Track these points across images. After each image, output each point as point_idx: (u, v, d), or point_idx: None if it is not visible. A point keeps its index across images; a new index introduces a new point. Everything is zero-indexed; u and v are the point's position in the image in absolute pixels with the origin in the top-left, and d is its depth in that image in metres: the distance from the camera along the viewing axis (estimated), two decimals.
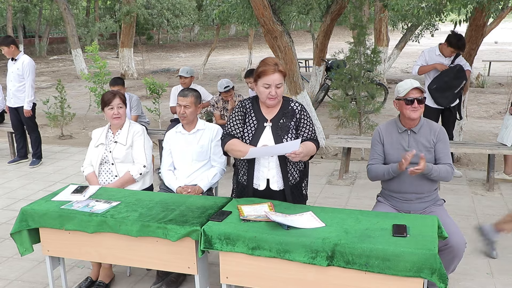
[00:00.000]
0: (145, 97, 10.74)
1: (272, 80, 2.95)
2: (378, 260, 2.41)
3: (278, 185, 3.07)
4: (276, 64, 2.99)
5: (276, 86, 2.97)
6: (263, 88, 2.98)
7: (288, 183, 3.06)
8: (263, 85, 2.98)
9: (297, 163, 3.10)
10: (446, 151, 3.21)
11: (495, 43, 24.56)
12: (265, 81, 2.97)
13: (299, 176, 3.12)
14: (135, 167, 3.70)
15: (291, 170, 3.07)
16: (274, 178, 3.06)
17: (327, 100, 9.86)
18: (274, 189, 3.07)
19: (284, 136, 3.02)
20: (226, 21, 12.37)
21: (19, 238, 3.14)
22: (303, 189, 3.20)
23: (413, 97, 3.15)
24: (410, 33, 13.53)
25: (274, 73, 2.96)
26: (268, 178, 3.06)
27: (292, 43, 6.42)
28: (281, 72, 2.99)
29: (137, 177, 3.69)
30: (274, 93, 2.98)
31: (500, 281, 3.53)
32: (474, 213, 4.74)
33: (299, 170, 3.13)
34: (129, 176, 3.68)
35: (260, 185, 3.08)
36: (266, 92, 2.98)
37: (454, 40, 5.44)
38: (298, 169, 3.12)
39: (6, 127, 7.03)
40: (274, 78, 2.96)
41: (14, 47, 6.31)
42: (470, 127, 8.04)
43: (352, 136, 6.21)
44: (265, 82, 2.97)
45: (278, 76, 2.97)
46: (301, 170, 3.15)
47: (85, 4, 26.86)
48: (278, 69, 2.98)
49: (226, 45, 27.84)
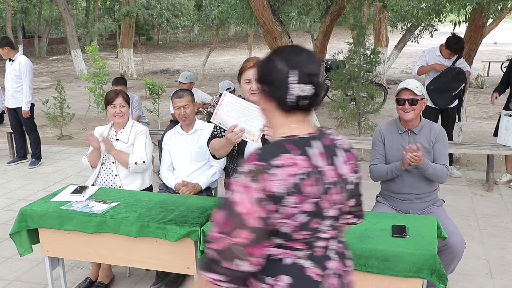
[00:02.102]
0: (144, 98, 10.73)
1: (252, 74, 2.92)
2: (378, 260, 2.41)
3: None
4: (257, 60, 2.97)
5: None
6: (245, 85, 2.96)
7: None
8: (244, 82, 2.96)
9: None
10: (444, 152, 3.20)
11: (495, 43, 24.57)
12: (245, 77, 2.95)
13: None
14: (135, 156, 3.68)
15: None
16: None
17: (327, 100, 9.87)
18: None
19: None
20: (225, 21, 12.39)
21: (19, 239, 3.14)
22: None
23: (403, 98, 3.15)
24: (410, 33, 13.54)
25: (254, 68, 2.94)
26: None
27: (291, 43, 6.42)
28: None
29: (132, 165, 3.64)
30: (255, 88, 2.95)
31: (499, 281, 3.53)
32: (474, 214, 4.74)
33: None
34: (126, 157, 3.65)
35: None
36: (247, 88, 2.94)
37: (452, 43, 5.44)
38: None
39: (5, 128, 7.03)
40: (254, 73, 2.93)
41: (8, 48, 6.27)
42: (470, 127, 8.04)
43: (351, 137, 6.21)
44: (245, 78, 2.95)
45: None
46: None
47: (84, 5, 26.86)
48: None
49: (225, 45, 27.84)
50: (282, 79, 1.50)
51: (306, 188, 1.46)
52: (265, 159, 1.45)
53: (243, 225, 1.40)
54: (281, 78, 1.50)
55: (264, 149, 1.49)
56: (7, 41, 6.32)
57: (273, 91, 1.53)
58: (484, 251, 3.97)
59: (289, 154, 1.47)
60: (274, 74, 1.52)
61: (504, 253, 3.94)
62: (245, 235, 1.40)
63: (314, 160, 1.50)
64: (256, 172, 1.44)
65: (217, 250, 1.41)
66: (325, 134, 1.59)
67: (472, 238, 4.16)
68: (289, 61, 1.51)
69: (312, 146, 1.51)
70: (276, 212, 1.45)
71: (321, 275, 1.54)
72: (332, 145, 1.58)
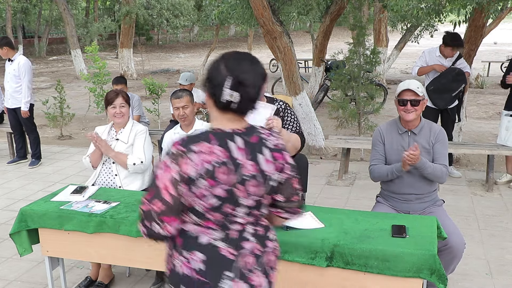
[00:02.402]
0: (144, 98, 10.73)
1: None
2: (378, 260, 2.41)
3: None
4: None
5: None
6: None
7: None
8: None
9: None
10: (444, 152, 3.20)
11: (495, 43, 24.58)
12: None
13: None
14: (133, 156, 3.68)
15: None
16: None
17: (327, 100, 9.87)
18: None
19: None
20: (225, 21, 12.37)
21: (18, 239, 3.14)
22: None
23: (405, 98, 3.14)
24: (410, 33, 13.54)
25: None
26: None
27: (291, 43, 6.42)
28: None
29: (130, 165, 3.64)
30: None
31: (499, 281, 3.54)
32: (474, 214, 4.74)
33: None
34: (125, 158, 3.66)
35: None
36: None
37: (449, 40, 5.46)
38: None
39: (5, 128, 7.03)
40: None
41: (8, 48, 6.26)
42: (470, 127, 8.05)
43: (351, 137, 6.21)
44: None
45: None
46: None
47: (84, 5, 26.86)
48: None
49: (225, 45, 27.83)
50: (219, 81, 1.71)
51: (219, 175, 1.67)
52: (186, 145, 1.69)
53: (159, 197, 1.68)
54: (219, 81, 1.71)
55: (190, 136, 1.72)
56: (6, 41, 6.31)
57: (211, 89, 1.73)
58: (484, 251, 3.98)
59: (209, 143, 1.69)
60: (215, 75, 1.73)
61: (504, 253, 3.94)
62: (159, 205, 1.68)
63: (232, 152, 1.70)
64: (176, 155, 1.68)
65: (143, 210, 1.72)
66: (254, 133, 1.77)
67: (472, 238, 4.16)
68: (228, 67, 1.71)
69: (234, 141, 1.72)
70: (189, 191, 1.69)
71: (235, 255, 1.75)
72: (259, 143, 1.76)
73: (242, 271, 1.75)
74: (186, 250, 1.75)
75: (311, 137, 6.85)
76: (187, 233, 1.77)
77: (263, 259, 1.81)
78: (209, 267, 1.73)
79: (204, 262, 1.73)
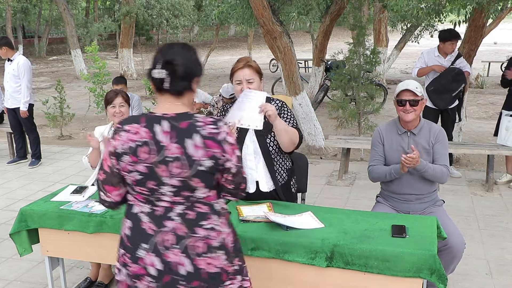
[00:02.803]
0: (144, 98, 10.73)
1: (242, 75, 2.92)
2: (378, 260, 2.41)
3: (268, 186, 3.04)
4: (248, 61, 2.97)
5: (248, 81, 2.93)
6: (236, 85, 2.96)
7: (278, 183, 3.05)
8: (235, 83, 2.96)
9: (284, 162, 3.09)
10: (444, 152, 3.19)
11: (495, 43, 24.58)
12: (236, 78, 2.95)
13: (287, 175, 3.11)
14: None
15: (279, 169, 3.07)
16: (263, 179, 3.03)
17: (327, 100, 9.87)
18: (264, 191, 3.03)
19: (267, 135, 3.00)
20: (225, 21, 12.39)
21: (18, 239, 3.13)
22: (292, 188, 3.19)
23: (404, 99, 3.14)
24: (410, 33, 13.55)
25: (244, 68, 2.93)
26: (257, 180, 3.04)
27: (291, 43, 6.42)
28: (252, 67, 2.95)
29: None
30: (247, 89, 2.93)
31: (499, 281, 3.54)
32: (474, 214, 4.74)
33: (287, 169, 3.12)
34: None
35: (250, 188, 3.03)
36: (238, 89, 2.94)
37: (447, 34, 5.50)
38: (285, 168, 3.11)
39: (5, 128, 7.03)
40: (244, 73, 2.92)
41: (7, 48, 6.27)
42: (470, 127, 8.05)
43: (351, 137, 6.22)
44: (236, 79, 2.95)
45: (249, 71, 2.93)
46: (288, 168, 3.14)
47: (84, 5, 26.86)
48: (248, 64, 2.94)
49: (225, 45, 27.86)
50: (153, 65, 1.91)
51: (141, 154, 1.86)
52: (122, 124, 1.92)
53: (102, 167, 1.96)
54: (153, 64, 1.92)
55: (128, 117, 1.95)
56: (6, 41, 6.31)
57: (149, 75, 1.93)
58: (484, 251, 3.98)
59: (138, 124, 1.88)
60: (152, 62, 1.94)
61: (504, 253, 3.95)
62: (101, 175, 1.96)
63: (156, 134, 1.86)
64: (114, 132, 1.92)
65: (97, 178, 2.00)
66: (186, 119, 1.90)
67: (472, 238, 4.16)
68: (161, 52, 1.92)
69: (161, 124, 1.87)
70: (118, 165, 1.90)
71: (155, 230, 1.91)
72: (189, 129, 1.87)
73: (157, 246, 1.90)
74: (125, 216, 2.01)
75: (311, 137, 6.85)
76: (128, 202, 2.01)
77: (186, 241, 1.90)
78: (132, 235, 1.95)
79: (130, 229, 1.95)
